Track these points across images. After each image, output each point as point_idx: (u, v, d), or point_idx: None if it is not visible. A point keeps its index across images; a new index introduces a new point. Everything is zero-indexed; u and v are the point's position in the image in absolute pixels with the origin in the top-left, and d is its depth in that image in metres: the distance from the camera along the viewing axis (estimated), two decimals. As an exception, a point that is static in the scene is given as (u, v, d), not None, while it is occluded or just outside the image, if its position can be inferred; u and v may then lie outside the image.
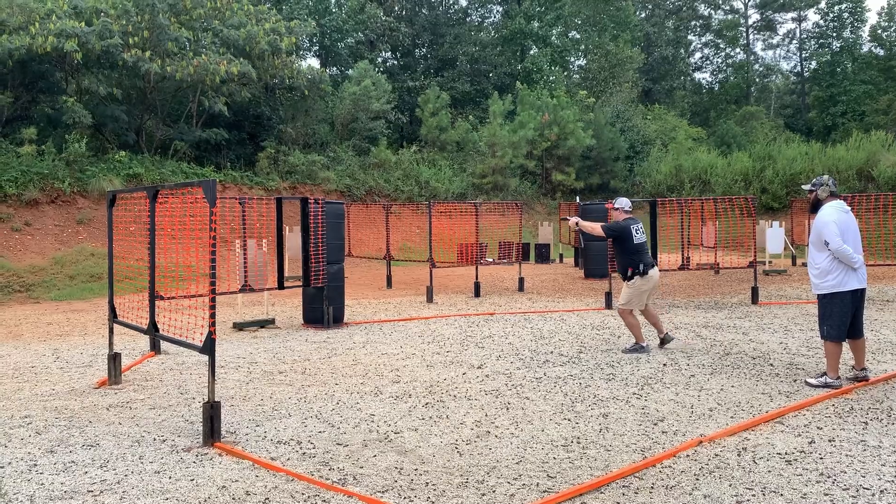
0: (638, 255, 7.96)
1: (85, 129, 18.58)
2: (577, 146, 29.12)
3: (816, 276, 6.43)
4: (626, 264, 8.00)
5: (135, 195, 8.63)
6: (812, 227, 6.49)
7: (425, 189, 25.98)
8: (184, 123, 21.77)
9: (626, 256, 8.00)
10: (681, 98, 44.55)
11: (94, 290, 14.33)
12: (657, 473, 4.45)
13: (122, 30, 18.87)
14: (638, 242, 7.99)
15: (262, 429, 5.43)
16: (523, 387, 6.64)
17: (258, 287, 10.37)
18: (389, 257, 15.88)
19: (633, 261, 7.96)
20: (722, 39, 50.64)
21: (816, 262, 6.40)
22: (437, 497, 4.10)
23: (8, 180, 16.27)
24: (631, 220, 8.10)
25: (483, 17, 40.84)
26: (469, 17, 39.96)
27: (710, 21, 50.86)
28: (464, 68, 35.26)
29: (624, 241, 8.01)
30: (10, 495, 4.16)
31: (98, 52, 18.26)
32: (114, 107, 19.76)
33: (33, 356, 8.42)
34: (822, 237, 6.26)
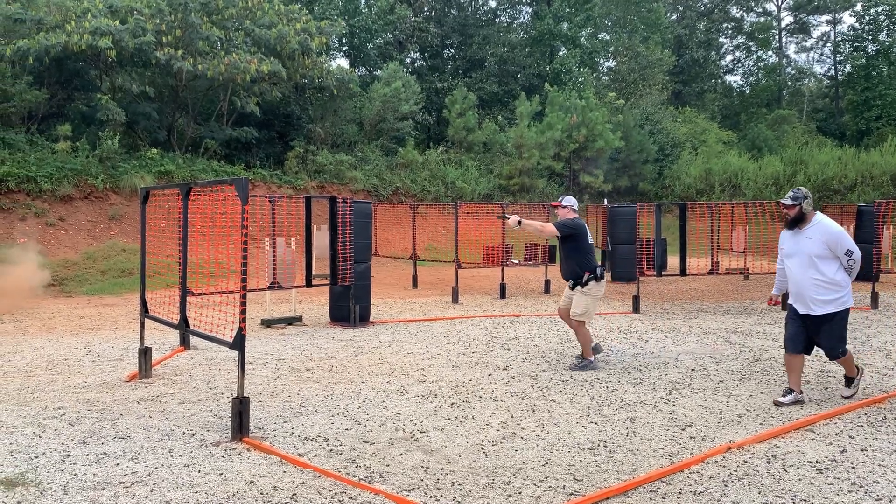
0: (592, 256, 7.39)
1: (118, 126, 18.86)
2: (606, 148, 28.96)
3: (828, 291, 5.86)
4: (582, 267, 7.24)
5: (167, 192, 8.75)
6: (816, 240, 5.90)
7: (451, 190, 26.00)
8: (214, 122, 22.01)
9: (582, 257, 7.28)
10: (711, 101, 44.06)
11: (125, 285, 14.54)
12: (685, 479, 4.41)
13: (156, 28, 19.13)
14: (591, 243, 7.46)
15: (289, 425, 5.47)
16: (549, 389, 6.62)
17: (286, 284, 10.45)
18: (415, 257, 15.91)
19: (590, 263, 7.29)
20: (754, 42, 50.01)
21: (827, 275, 5.88)
22: (463, 497, 4.10)
23: (43, 176, 16.57)
24: (579, 218, 7.44)
25: (512, 18, 40.75)
26: (498, 18, 39.90)
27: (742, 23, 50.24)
28: (492, 69, 35.21)
29: (580, 239, 7.30)
30: (44, 485, 4.24)
31: (131, 51, 18.53)
32: (146, 105, 20.04)
33: (66, 349, 8.57)
34: (842, 246, 5.86)
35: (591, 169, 29.25)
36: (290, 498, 4.07)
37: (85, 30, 17.85)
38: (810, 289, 5.91)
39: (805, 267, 5.95)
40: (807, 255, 5.93)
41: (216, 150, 21.68)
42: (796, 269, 6.03)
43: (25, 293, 12.70)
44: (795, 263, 6.04)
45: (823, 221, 5.99)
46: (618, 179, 30.28)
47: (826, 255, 5.89)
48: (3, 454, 4.76)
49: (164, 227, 9.86)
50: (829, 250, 5.89)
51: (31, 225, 15.77)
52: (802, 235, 6.00)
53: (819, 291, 5.88)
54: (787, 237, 6.20)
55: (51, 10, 18.85)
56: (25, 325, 10.48)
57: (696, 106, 41.46)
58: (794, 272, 6.07)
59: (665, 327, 10.26)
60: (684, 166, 31.13)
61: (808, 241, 5.95)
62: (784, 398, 6.04)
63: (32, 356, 8.13)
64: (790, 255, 6.11)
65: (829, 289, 5.87)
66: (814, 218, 6.02)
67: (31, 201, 16.23)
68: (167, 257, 9.48)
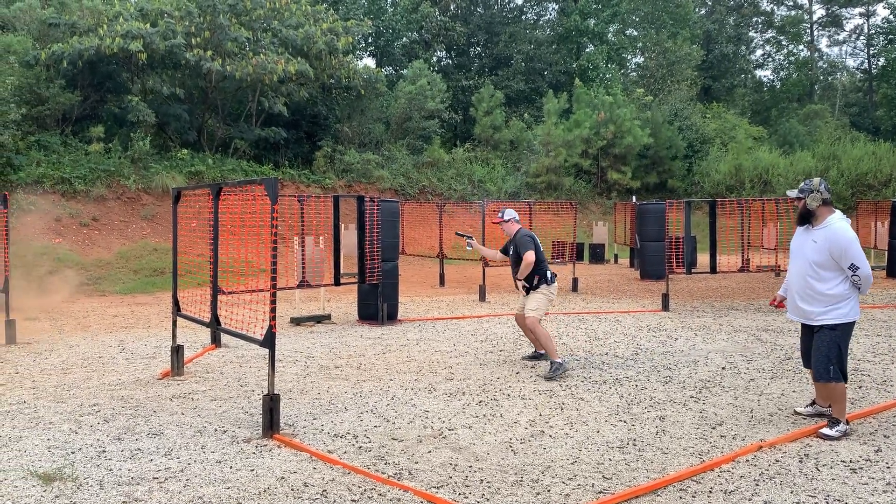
0: (544, 264, 7.34)
1: (149, 127, 19.15)
2: (634, 145, 28.72)
3: (825, 302, 5.12)
4: (533, 273, 7.24)
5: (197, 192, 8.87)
6: (820, 244, 5.11)
7: (478, 188, 25.99)
8: (243, 122, 22.25)
9: (535, 265, 7.23)
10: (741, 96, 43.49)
11: (157, 284, 14.76)
12: (715, 478, 4.38)
13: (185, 30, 19.40)
14: (542, 252, 7.36)
15: (319, 422, 5.52)
16: (578, 387, 6.60)
17: (315, 283, 10.54)
18: (442, 255, 15.94)
19: (541, 270, 7.28)
20: (784, 36, 49.25)
21: (826, 286, 5.11)
22: (491, 494, 4.11)
23: (77, 177, 16.89)
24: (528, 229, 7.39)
25: (538, 15, 40.60)
26: (524, 16, 39.78)
27: (772, 17, 49.53)
28: (518, 67, 35.11)
29: (537, 248, 7.30)
30: (80, 479, 4.33)
31: (162, 53, 18.81)
32: (176, 106, 20.31)
33: (101, 347, 8.73)
34: (847, 258, 5.01)
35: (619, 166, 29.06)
36: (321, 494, 4.11)
37: (117, 33, 18.16)
38: (801, 295, 5.24)
39: (803, 272, 5.23)
40: (807, 260, 5.19)
41: (245, 151, 21.91)
42: (794, 273, 5.32)
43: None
44: (795, 266, 5.33)
45: (834, 225, 5.11)
46: (646, 176, 30.03)
47: (827, 265, 5.09)
48: (41, 449, 4.88)
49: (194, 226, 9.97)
50: (831, 259, 5.07)
51: (65, 225, 16.08)
52: (809, 236, 5.22)
53: (812, 303, 5.17)
54: (797, 234, 5.44)
55: (84, 14, 19.20)
56: (61, 323, 10.69)
57: (726, 101, 40.95)
58: (791, 275, 5.37)
59: (695, 325, 10.16)
60: (714, 163, 30.76)
61: (811, 244, 5.17)
62: (804, 409, 5.68)
63: (68, 354, 8.30)
64: (792, 255, 5.41)
65: (820, 301, 5.13)
66: (827, 218, 5.17)
67: (65, 202, 16.55)
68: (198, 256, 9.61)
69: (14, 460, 4.66)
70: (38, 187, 16.36)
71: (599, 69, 35.22)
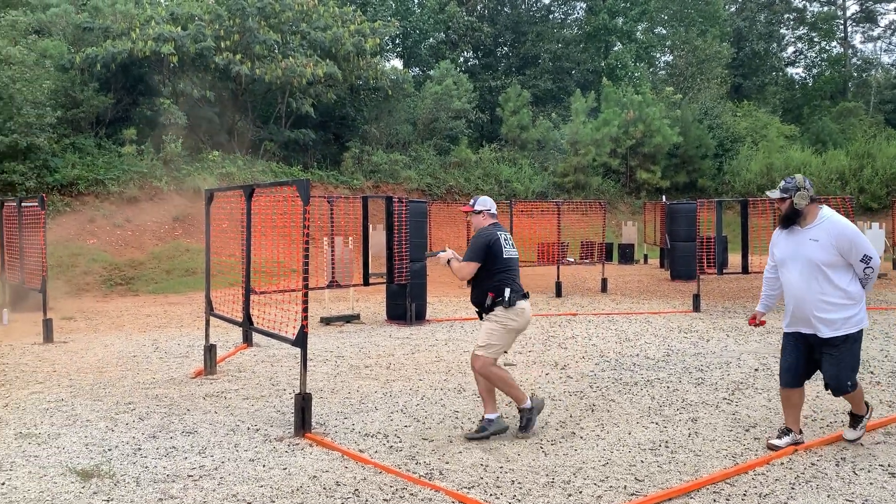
0: (505, 275, 5.18)
1: (180, 129, 19.39)
2: (664, 144, 28.47)
3: (839, 308, 4.60)
4: (487, 288, 5.17)
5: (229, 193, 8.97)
6: (824, 242, 4.61)
7: (505, 188, 25.94)
8: (273, 124, 22.45)
9: (490, 278, 5.18)
10: (772, 94, 42.85)
11: (189, 284, 14.95)
12: (750, 481, 4.32)
13: (215, 34, 19.63)
14: (508, 258, 5.27)
15: (349, 421, 5.56)
16: (608, 389, 6.56)
17: (344, 283, 10.62)
18: (471, 256, 15.92)
19: (498, 284, 5.15)
20: (817, 32, 48.42)
21: (841, 286, 4.61)
22: (523, 495, 4.11)
23: (111, 179, 17.17)
24: (499, 226, 5.47)
25: (566, 14, 40.41)
26: (552, 15, 39.62)
27: (804, 14, 48.73)
28: (546, 66, 34.98)
29: (491, 257, 5.20)
30: (117, 476, 4.40)
31: (192, 56, 19.07)
32: (207, 108, 20.56)
33: (135, 346, 8.88)
34: (858, 251, 4.57)
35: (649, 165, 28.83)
36: (353, 493, 4.14)
37: (149, 36, 18.45)
38: (815, 305, 4.64)
39: (808, 278, 4.67)
40: (811, 263, 4.65)
41: (275, 152, 22.12)
42: (796, 280, 4.73)
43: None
44: (795, 273, 4.74)
45: (832, 218, 4.69)
46: (676, 175, 29.76)
47: (836, 263, 4.61)
48: (79, 446, 4.97)
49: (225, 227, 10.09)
50: (839, 256, 4.60)
51: (99, 226, 16.36)
52: (804, 236, 4.70)
53: (827, 309, 4.61)
54: (781, 238, 4.90)
55: (117, 19, 19.53)
56: (96, 322, 10.88)
57: (757, 99, 40.39)
58: (793, 284, 4.77)
59: (726, 326, 10.05)
60: (744, 162, 30.39)
61: (812, 244, 4.65)
62: (779, 440, 4.91)
63: (103, 353, 8.44)
64: (787, 262, 4.82)
65: (839, 305, 4.61)
66: (819, 214, 4.72)
67: (99, 203, 16.84)
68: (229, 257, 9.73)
69: (53, 457, 4.76)
70: (72, 189, 16.66)
71: (628, 68, 34.96)
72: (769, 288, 5.14)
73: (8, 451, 4.88)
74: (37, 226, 9.86)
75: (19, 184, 15.58)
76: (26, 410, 5.90)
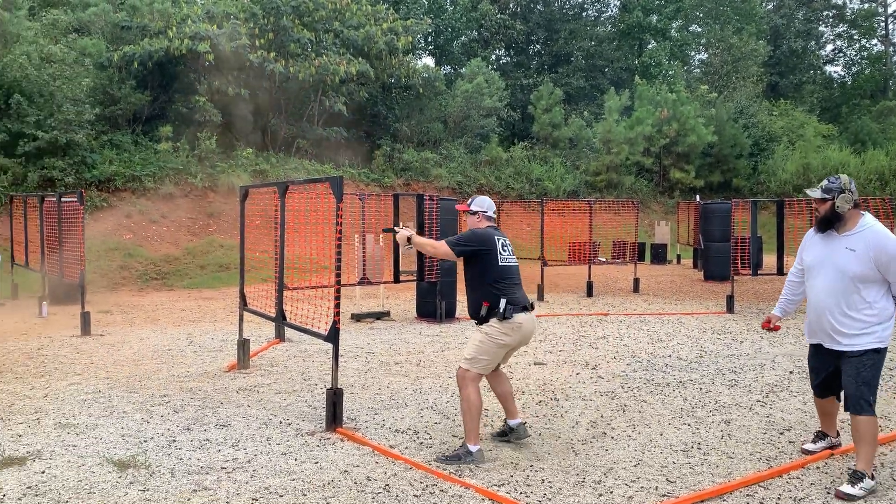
0: (502, 284, 4.77)
1: (215, 127, 19.64)
2: (698, 143, 28.12)
3: (867, 322, 4.19)
4: (479, 298, 4.80)
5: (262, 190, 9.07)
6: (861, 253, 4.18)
7: (536, 186, 25.83)
8: (305, 122, 22.62)
9: (484, 286, 4.78)
10: (810, 93, 42.07)
11: (223, 279, 15.15)
12: (784, 484, 4.26)
13: (249, 32, 19.83)
14: (505, 265, 4.84)
15: (380, 417, 5.59)
16: (640, 389, 6.51)
17: (375, 280, 10.67)
18: (501, 254, 15.89)
19: (493, 294, 4.73)
20: (857, 30, 47.42)
21: (870, 301, 4.20)
22: (553, 494, 4.10)
23: (147, 175, 17.45)
24: (494, 230, 5.02)
25: (599, 12, 40.08)
26: (585, 12, 39.32)
27: (844, 11, 47.74)
28: (579, 64, 34.75)
29: (484, 259, 4.81)
30: (153, 467, 4.48)
31: (228, 54, 19.28)
32: (241, 106, 20.78)
33: (169, 340, 9.02)
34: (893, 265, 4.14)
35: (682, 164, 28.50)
36: (383, 489, 4.17)
37: (185, 35, 18.69)
38: (838, 320, 4.26)
39: (835, 289, 4.26)
40: (842, 273, 4.23)
41: (307, 150, 22.28)
42: (821, 289, 4.34)
43: None
44: (821, 280, 4.35)
45: (874, 228, 4.24)
46: (710, 175, 29.37)
47: (870, 277, 4.18)
48: (116, 437, 5.07)
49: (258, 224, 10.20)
50: (875, 270, 4.17)
51: (136, 221, 16.64)
52: (840, 244, 4.28)
53: (848, 325, 4.22)
54: (814, 242, 4.49)
55: (154, 17, 19.83)
56: (132, 316, 11.07)
57: (794, 98, 39.69)
58: (817, 293, 4.37)
59: (761, 328, 9.90)
60: (780, 161, 29.88)
61: (847, 253, 4.22)
62: (814, 444, 4.78)
63: (139, 346, 8.59)
64: (815, 268, 4.42)
65: (864, 322, 4.20)
66: (860, 221, 4.27)
67: (136, 199, 17.12)
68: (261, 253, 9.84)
69: (91, 447, 4.86)
70: (110, 185, 16.97)
71: (662, 66, 34.57)
72: (790, 292, 4.80)
73: (48, 440, 4.99)
74: (76, 221, 10.07)
75: (59, 179, 15.91)
76: (65, 401, 6.03)
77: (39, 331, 9.69)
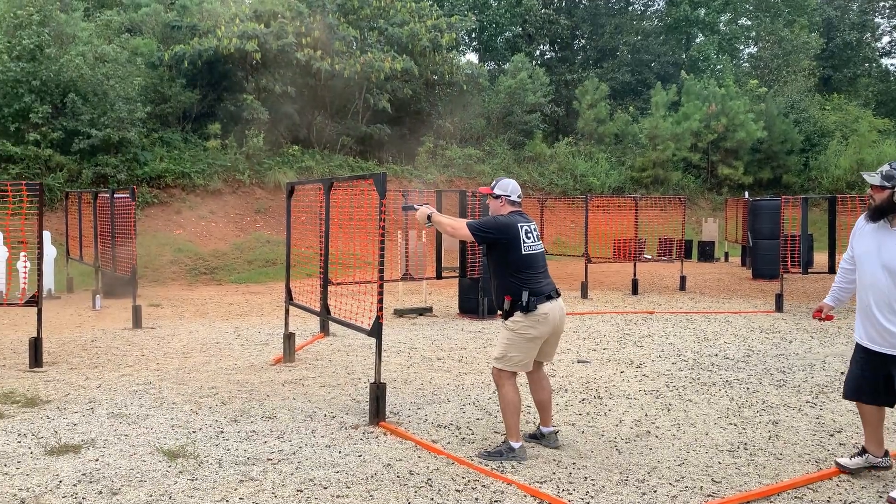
0: (525, 274, 4.59)
1: (262, 124, 19.94)
2: (747, 138, 27.54)
3: None
4: (503, 289, 4.64)
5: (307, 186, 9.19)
6: None
7: (580, 183, 25.63)
8: (350, 119, 22.82)
9: (506, 276, 4.63)
10: (864, 86, 40.83)
11: (269, 274, 15.40)
12: (834, 487, 4.17)
13: (296, 30, 20.08)
14: (529, 253, 4.64)
15: (422, 412, 5.63)
16: (685, 389, 6.42)
17: (417, 276, 10.72)
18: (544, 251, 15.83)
19: (515, 284, 4.57)
20: (916, 21, 45.85)
21: None
22: (596, 492, 4.08)
23: (196, 172, 17.82)
24: (519, 215, 4.79)
25: (646, 6, 39.53)
26: (631, 6, 38.82)
27: (901, 1, 46.18)
28: (624, 58, 34.32)
29: (505, 248, 4.63)
30: (201, 457, 4.59)
31: (275, 52, 19.56)
32: (287, 104, 21.06)
33: (218, 333, 9.21)
34: None
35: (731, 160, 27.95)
36: (426, 483, 4.20)
37: (233, 34, 19.03)
38: (884, 315, 4.04)
39: (883, 284, 4.05)
40: (891, 269, 4.02)
41: (351, 147, 22.48)
42: (868, 284, 4.14)
43: None
44: (869, 274, 4.13)
45: None
46: (759, 171, 28.75)
47: None
48: (166, 427, 5.20)
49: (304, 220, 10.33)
50: None
51: (185, 217, 17.00)
52: (891, 238, 4.05)
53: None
54: (865, 232, 4.23)
55: (203, 17, 20.22)
56: (181, 310, 11.33)
57: (848, 92, 38.59)
58: (864, 286, 4.18)
59: (811, 327, 9.68)
60: (833, 157, 29.09)
61: None
62: (849, 459, 4.39)
63: (188, 339, 8.79)
64: (863, 260, 4.20)
65: None
66: None
67: (185, 195, 17.50)
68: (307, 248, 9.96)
69: (142, 437, 4.99)
70: (160, 181, 17.37)
71: (710, 60, 33.95)
72: (843, 280, 4.48)
73: (101, 429, 5.15)
74: (128, 216, 10.34)
75: (112, 176, 16.33)
76: (117, 392, 6.21)
77: (93, 323, 9.99)
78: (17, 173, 15.29)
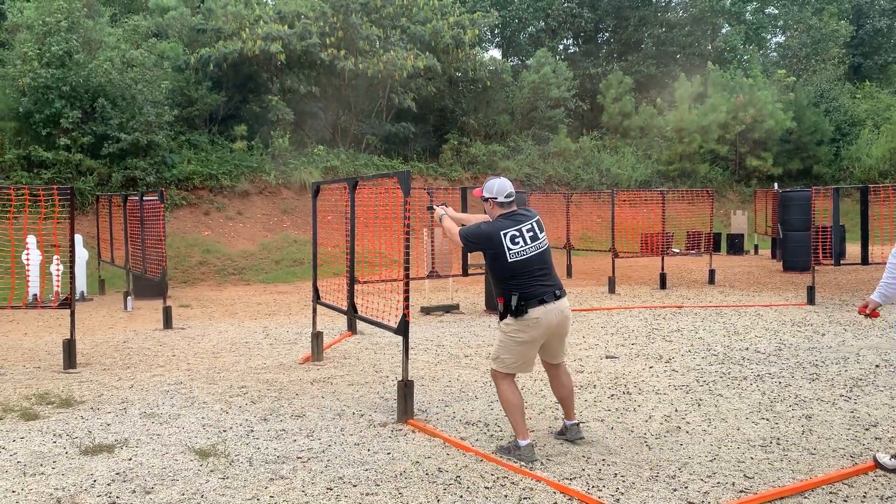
0: (515, 280, 4.48)
1: (287, 125, 20.09)
2: (776, 129, 27.13)
3: None
4: (496, 292, 4.68)
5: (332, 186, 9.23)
6: None
7: (606, 177, 25.45)
8: (374, 118, 22.89)
9: (497, 280, 4.63)
10: (897, 73, 40.02)
11: (296, 273, 15.51)
12: (870, 482, 4.09)
13: (320, 31, 20.19)
14: (517, 259, 4.48)
15: (450, 409, 5.63)
16: (716, 383, 6.35)
17: (444, 273, 10.73)
18: (570, 247, 15.76)
19: (505, 289, 4.51)
20: (949, 5, 44.79)
21: None
22: (626, 489, 4.05)
23: (223, 173, 18.00)
24: (508, 218, 4.63)
25: (670, -3, 39.08)
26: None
27: (934, -15, 45.14)
28: (649, 51, 33.97)
29: (491, 257, 4.58)
30: (232, 456, 4.64)
31: (299, 53, 19.69)
32: (312, 104, 21.19)
33: (247, 333, 9.29)
34: None
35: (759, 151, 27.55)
36: (454, 480, 4.20)
37: (258, 36, 19.18)
38: None
39: None
40: None
41: (376, 146, 22.55)
42: None
43: None
44: None
45: None
46: (789, 162, 28.31)
47: None
48: (197, 427, 5.26)
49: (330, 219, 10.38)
50: None
51: (213, 219, 17.19)
52: None
53: None
54: None
55: (228, 20, 20.40)
56: (211, 310, 11.46)
57: (879, 80, 37.82)
58: None
59: (844, 320, 9.52)
60: (865, 146, 28.56)
61: None
62: (887, 457, 4.29)
63: (218, 339, 8.88)
64: None
65: None
66: None
67: (213, 197, 17.68)
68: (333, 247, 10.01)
69: (174, 436, 5.06)
70: (188, 183, 17.57)
71: (737, 50, 33.48)
72: (891, 275, 4.36)
73: (134, 429, 5.22)
74: (157, 218, 10.47)
75: (140, 179, 16.56)
76: (149, 392, 6.30)
77: (125, 325, 10.14)
78: (49, 178, 15.56)
